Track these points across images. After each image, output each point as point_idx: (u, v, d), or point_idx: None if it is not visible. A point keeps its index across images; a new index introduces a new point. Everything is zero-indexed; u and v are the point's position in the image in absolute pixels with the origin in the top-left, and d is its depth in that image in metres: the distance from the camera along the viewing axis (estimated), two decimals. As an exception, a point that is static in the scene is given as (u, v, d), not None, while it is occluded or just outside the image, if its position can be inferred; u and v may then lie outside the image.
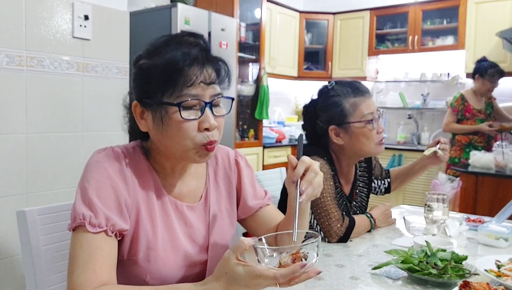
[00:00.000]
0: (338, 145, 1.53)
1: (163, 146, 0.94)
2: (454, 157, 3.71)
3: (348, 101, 1.49)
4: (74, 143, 2.28)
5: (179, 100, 0.88)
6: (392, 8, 4.83)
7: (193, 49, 0.90)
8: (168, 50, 0.89)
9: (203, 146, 0.91)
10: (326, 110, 1.53)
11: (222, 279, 0.79)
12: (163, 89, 0.88)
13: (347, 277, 1.10)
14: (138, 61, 0.94)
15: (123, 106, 1.02)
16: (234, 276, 0.78)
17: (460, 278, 1.02)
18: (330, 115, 1.51)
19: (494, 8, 4.19)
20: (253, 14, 4.42)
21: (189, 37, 0.94)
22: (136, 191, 0.94)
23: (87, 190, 0.88)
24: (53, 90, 2.18)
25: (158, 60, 0.89)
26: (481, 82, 3.61)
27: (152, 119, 0.91)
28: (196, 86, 0.88)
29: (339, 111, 1.49)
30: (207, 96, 0.90)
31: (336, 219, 1.42)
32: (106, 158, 0.92)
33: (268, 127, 4.67)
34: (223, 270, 0.79)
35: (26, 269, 1.07)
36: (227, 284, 0.79)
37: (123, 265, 0.94)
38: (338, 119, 1.50)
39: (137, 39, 2.68)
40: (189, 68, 0.88)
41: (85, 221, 0.85)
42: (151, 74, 0.90)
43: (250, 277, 0.76)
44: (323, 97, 1.56)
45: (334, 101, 1.51)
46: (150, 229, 0.94)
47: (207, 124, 0.90)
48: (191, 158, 0.93)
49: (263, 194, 1.17)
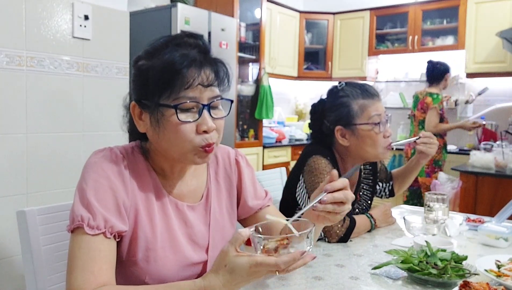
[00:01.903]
0: (343, 146, 1.52)
1: (161, 148, 0.94)
2: (438, 160, 3.77)
3: (356, 103, 1.48)
4: (74, 143, 2.28)
5: (176, 102, 0.87)
6: (392, 8, 4.83)
7: (191, 50, 0.90)
8: (167, 51, 0.89)
9: (201, 148, 0.91)
10: (334, 110, 1.52)
11: (222, 272, 0.79)
12: (161, 91, 0.88)
13: (347, 277, 1.10)
14: (137, 62, 0.94)
15: (123, 106, 1.02)
16: (233, 268, 0.78)
17: (460, 278, 1.02)
18: (337, 116, 1.50)
19: (494, 8, 4.19)
20: (253, 14, 4.42)
21: (188, 38, 0.93)
22: (134, 192, 0.94)
23: (86, 191, 0.88)
24: (53, 90, 2.18)
25: (156, 61, 0.89)
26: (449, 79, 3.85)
27: (149, 120, 0.91)
28: (193, 88, 0.88)
29: (346, 112, 1.48)
30: (205, 98, 0.90)
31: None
32: (104, 159, 0.92)
33: (268, 127, 4.67)
34: (222, 263, 0.80)
35: (26, 269, 1.07)
36: (227, 276, 0.79)
37: (122, 266, 0.94)
38: (345, 120, 1.49)
39: (137, 39, 2.68)
40: (186, 70, 0.87)
41: (84, 223, 0.85)
42: (149, 75, 0.89)
43: (250, 266, 0.76)
44: (332, 97, 1.55)
45: (342, 102, 1.50)
46: (149, 229, 0.94)
47: (204, 127, 0.90)
48: (189, 160, 0.93)
49: (263, 195, 1.17)
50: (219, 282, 0.79)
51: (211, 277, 0.80)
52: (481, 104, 4.54)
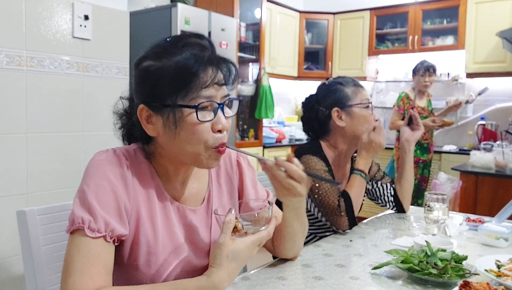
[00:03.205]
0: (340, 128, 1.60)
1: (172, 150, 0.92)
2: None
3: (349, 88, 1.62)
4: (74, 143, 2.28)
5: (193, 102, 0.87)
6: (392, 8, 4.83)
7: (204, 50, 0.90)
8: (177, 51, 0.88)
9: (214, 149, 0.91)
10: (329, 96, 1.63)
11: (225, 264, 0.82)
12: (176, 92, 0.87)
13: (347, 277, 1.10)
14: (142, 63, 0.92)
15: (113, 113, 1.00)
16: (234, 255, 0.82)
17: (460, 278, 1.02)
18: (333, 99, 1.61)
19: (494, 8, 4.19)
20: (253, 14, 4.42)
21: (195, 38, 0.92)
22: (137, 195, 0.92)
23: (87, 193, 0.86)
24: (53, 90, 2.18)
25: (167, 62, 0.88)
26: (416, 79, 3.86)
27: (162, 123, 0.89)
28: (209, 88, 0.88)
29: (342, 95, 1.60)
30: (219, 98, 0.90)
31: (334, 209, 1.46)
32: (107, 161, 0.90)
33: (268, 127, 4.67)
34: (223, 254, 0.82)
35: (26, 269, 1.07)
36: (231, 265, 0.82)
37: (123, 270, 0.93)
38: (341, 102, 1.60)
39: (137, 39, 2.68)
40: (203, 69, 0.87)
41: (84, 225, 0.83)
42: (161, 76, 0.88)
43: (249, 247, 0.84)
44: (324, 87, 1.67)
45: (337, 88, 1.63)
46: (150, 233, 0.93)
47: (219, 126, 0.90)
48: (202, 163, 0.92)
49: (265, 195, 1.17)
50: (225, 274, 0.82)
51: (216, 272, 0.82)
52: (481, 104, 4.54)
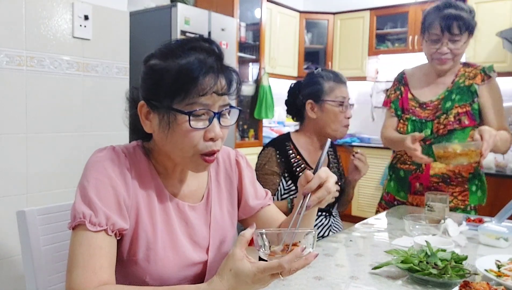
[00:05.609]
0: (311, 119, 1.71)
1: (165, 149, 0.94)
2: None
3: (328, 83, 1.70)
4: (74, 143, 2.28)
5: (189, 108, 0.87)
6: (392, 8, 4.83)
7: (209, 57, 0.90)
8: (183, 54, 0.88)
9: (202, 155, 0.91)
10: (307, 87, 1.74)
11: (226, 277, 0.79)
12: (174, 95, 0.87)
13: (347, 277, 1.10)
14: (149, 60, 0.93)
15: (126, 98, 1.01)
16: (237, 272, 0.77)
17: (460, 278, 1.02)
18: (310, 91, 1.72)
19: (494, 8, 4.18)
20: (253, 14, 4.42)
21: (204, 43, 0.93)
22: (136, 191, 0.94)
23: (87, 189, 0.88)
24: (53, 90, 2.18)
25: (171, 63, 0.88)
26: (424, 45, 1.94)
27: (158, 121, 0.91)
28: (208, 96, 0.88)
29: (318, 89, 1.70)
30: (216, 107, 0.90)
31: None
32: (106, 158, 0.92)
33: (268, 127, 4.67)
34: (228, 267, 0.79)
35: (26, 269, 1.07)
36: (231, 281, 0.78)
37: (122, 265, 0.94)
38: (316, 95, 1.70)
39: (137, 39, 2.68)
40: (203, 77, 0.87)
41: (85, 220, 0.85)
42: (163, 76, 0.88)
43: (255, 274, 0.76)
44: (308, 77, 1.77)
45: (316, 81, 1.72)
46: (150, 229, 0.94)
47: (212, 134, 0.90)
48: (189, 166, 0.95)
49: (264, 194, 1.18)
50: (224, 287, 0.79)
51: (216, 282, 0.80)
52: (481, 104, 4.53)
